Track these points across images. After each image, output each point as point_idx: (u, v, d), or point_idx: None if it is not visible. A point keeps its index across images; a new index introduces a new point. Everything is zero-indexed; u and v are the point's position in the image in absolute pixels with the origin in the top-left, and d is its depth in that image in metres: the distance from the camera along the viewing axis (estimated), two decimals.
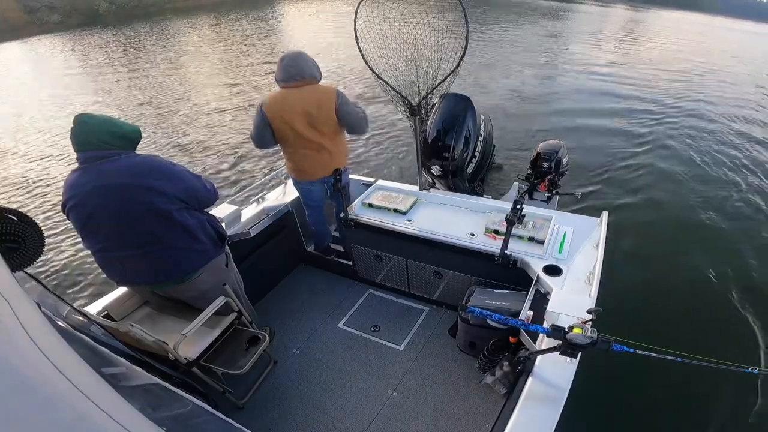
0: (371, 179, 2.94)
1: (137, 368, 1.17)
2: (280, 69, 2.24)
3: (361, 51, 2.31)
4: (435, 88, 2.32)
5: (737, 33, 19.65)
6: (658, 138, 6.30)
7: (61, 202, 1.69)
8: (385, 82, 2.35)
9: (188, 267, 1.81)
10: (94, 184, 1.59)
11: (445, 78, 2.28)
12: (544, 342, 1.58)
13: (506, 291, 2.13)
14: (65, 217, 1.71)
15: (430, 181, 3.31)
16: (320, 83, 2.33)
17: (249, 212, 2.64)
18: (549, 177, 3.21)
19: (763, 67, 12.06)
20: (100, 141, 1.60)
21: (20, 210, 1.19)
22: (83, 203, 1.62)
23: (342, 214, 2.48)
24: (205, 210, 1.92)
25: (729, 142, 6.36)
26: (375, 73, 2.34)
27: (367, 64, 2.33)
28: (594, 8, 24.26)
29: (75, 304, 1.50)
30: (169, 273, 1.80)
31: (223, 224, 2.33)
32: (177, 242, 1.74)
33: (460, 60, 2.23)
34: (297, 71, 2.22)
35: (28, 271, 1.21)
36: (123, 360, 1.17)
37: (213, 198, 1.90)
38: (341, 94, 2.29)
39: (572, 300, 1.71)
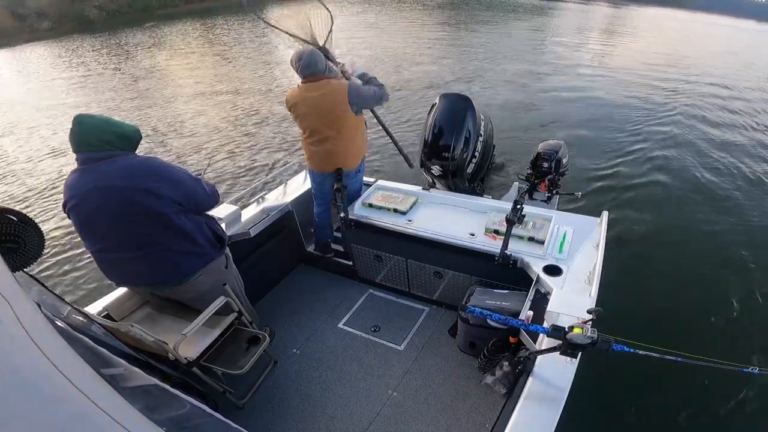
0: (371, 179, 2.94)
1: (136, 369, 1.17)
2: (298, 65, 2.31)
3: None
4: None
5: (720, 28, 19.75)
6: (659, 137, 6.29)
7: (62, 203, 1.69)
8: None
9: (187, 269, 1.80)
10: (93, 185, 1.58)
11: None
12: (544, 342, 1.58)
13: (506, 291, 2.13)
14: (66, 217, 1.70)
15: (430, 180, 3.31)
16: (334, 79, 2.37)
17: (249, 212, 2.64)
18: (549, 177, 3.21)
19: (752, 61, 12.15)
20: (99, 141, 1.58)
21: (20, 210, 1.19)
22: (83, 203, 1.61)
23: (341, 214, 2.48)
24: (205, 212, 1.91)
25: (731, 139, 6.35)
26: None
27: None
28: (576, 5, 24.38)
29: (75, 305, 1.49)
30: (168, 275, 1.79)
31: (223, 224, 2.33)
32: (175, 245, 1.73)
33: None
34: (313, 68, 2.30)
35: (27, 271, 1.21)
36: (122, 361, 1.17)
37: (213, 201, 1.88)
38: (352, 84, 2.35)
39: (572, 300, 1.71)
